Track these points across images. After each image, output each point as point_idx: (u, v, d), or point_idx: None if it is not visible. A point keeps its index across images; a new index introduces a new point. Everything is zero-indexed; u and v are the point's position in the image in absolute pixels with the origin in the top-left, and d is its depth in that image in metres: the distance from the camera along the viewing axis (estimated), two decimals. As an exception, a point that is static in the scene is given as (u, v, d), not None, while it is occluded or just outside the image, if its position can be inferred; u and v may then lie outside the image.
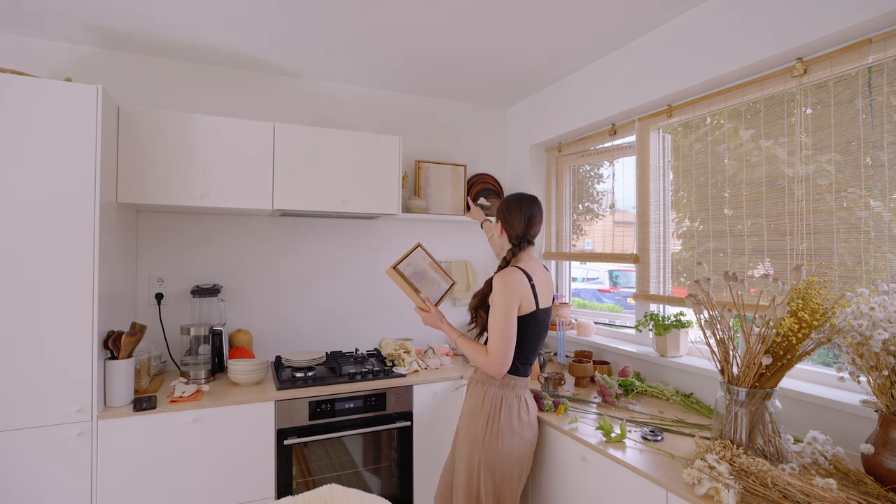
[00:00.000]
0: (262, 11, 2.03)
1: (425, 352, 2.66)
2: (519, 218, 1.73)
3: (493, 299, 1.64)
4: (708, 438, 1.56)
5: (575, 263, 3.08)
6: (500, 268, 1.73)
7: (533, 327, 1.68)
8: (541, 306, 1.68)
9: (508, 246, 1.79)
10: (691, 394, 2.03)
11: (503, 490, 1.67)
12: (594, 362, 2.35)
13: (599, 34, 2.21)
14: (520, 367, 1.70)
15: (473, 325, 1.81)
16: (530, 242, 1.75)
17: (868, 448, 1.28)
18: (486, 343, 1.70)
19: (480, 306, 1.76)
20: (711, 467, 1.28)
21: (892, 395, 1.26)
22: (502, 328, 1.61)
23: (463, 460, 1.71)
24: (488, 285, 1.73)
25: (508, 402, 1.68)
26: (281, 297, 2.71)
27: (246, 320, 2.63)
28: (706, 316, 1.53)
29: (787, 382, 1.71)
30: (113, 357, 1.88)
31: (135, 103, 2.43)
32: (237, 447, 2.00)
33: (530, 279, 1.66)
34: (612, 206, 2.63)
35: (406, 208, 2.86)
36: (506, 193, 3.29)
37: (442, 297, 1.92)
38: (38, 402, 1.72)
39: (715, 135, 2.01)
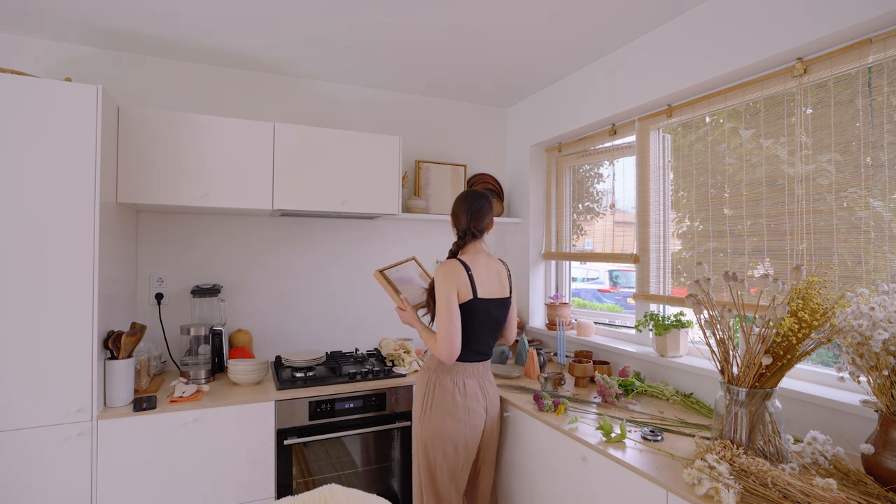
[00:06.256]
0: (261, 11, 2.03)
1: (425, 352, 2.66)
2: (464, 212, 1.83)
3: (436, 290, 1.76)
4: (708, 438, 1.56)
5: (575, 263, 3.08)
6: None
7: (471, 315, 1.77)
8: (479, 296, 1.77)
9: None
10: (691, 394, 2.03)
11: (436, 463, 1.80)
12: (594, 362, 2.35)
13: (599, 34, 2.21)
14: (462, 352, 1.80)
15: (426, 311, 1.94)
16: (475, 236, 1.85)
17: (868, 448, 1.28)
18: None
19: (430, 295, 1.87)
20: (711, 467, 1.28)
21: (892, 395, 1.26)
22: (442, 314, 1.72)
23: (413, 437, 1.94)
24: None
25: (442, 384, 1.80)
26: (281, 297, 2.71)
27: (246, 320, 2.63)
28: (706, 316, 1.53)
29: (787, 382, 1.71)
30: (113, 357, 1.88)
31: (135, 103, 2.43)
32: (237, 447, 2.00)
33: (468, 269, 1.76)
34: (612, 205, 2.63)
35: (406, 208, 2.87)
36: (506, 193, 3.30)
37: (422, 303, 2.03)
38: (38, 402, 1.72)
39: (715, 135, 2.01)
